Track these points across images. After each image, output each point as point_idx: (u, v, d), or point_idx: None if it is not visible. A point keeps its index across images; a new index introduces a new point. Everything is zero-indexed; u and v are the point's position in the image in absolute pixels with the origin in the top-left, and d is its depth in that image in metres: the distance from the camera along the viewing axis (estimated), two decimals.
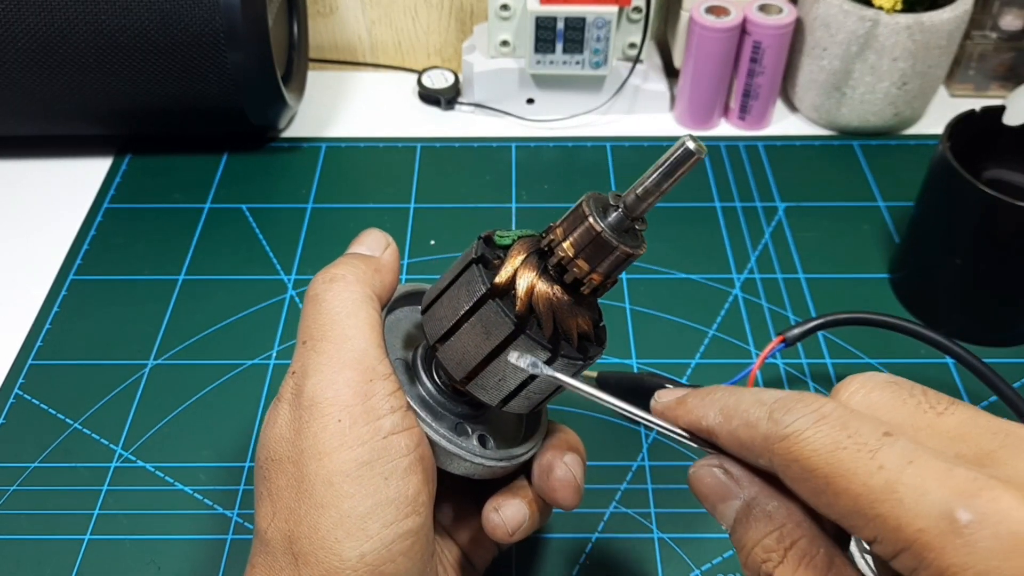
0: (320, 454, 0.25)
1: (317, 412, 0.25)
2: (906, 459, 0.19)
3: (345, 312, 0.27)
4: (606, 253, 0.26)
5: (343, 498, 0.24)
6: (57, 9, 0.47)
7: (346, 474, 0.24)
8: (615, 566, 0.36)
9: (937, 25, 0.51)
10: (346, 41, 0.64)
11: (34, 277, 0.49)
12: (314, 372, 0.26)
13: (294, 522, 0.24)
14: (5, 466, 0.40)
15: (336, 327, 0.26)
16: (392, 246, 0.31)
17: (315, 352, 0.26)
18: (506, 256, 0.27)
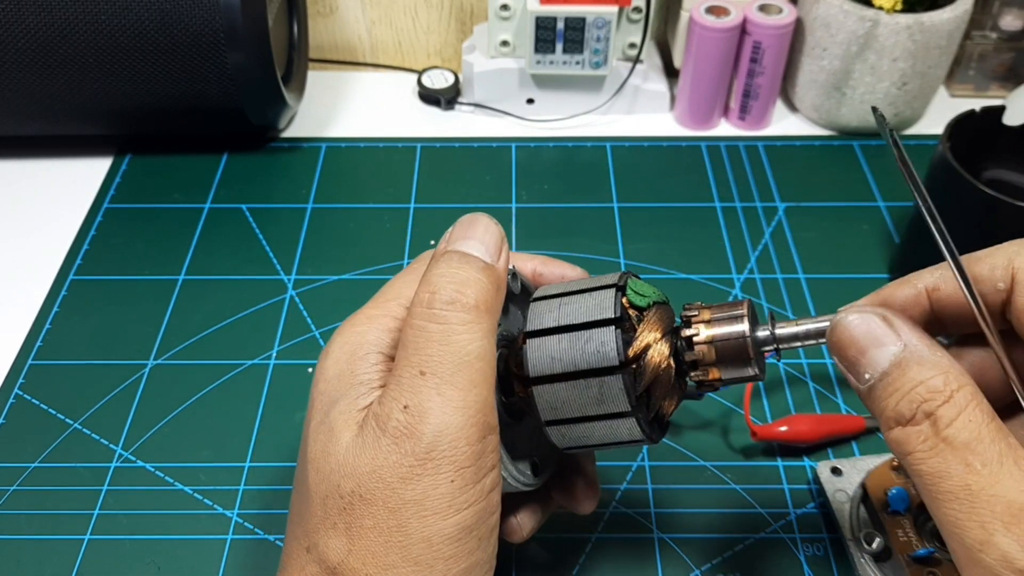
0: (425, 512, 0.23)
1: (432, 468, 0.23)
2: None
3: (476, 355, 0.24)
4: (738, 362, 0.26)
5: (440, 560, 0.23)
6: (57, 9, 0.47)
7: (448, 537, 0.24)
8: (615, 566, 0.36)
9: (937, 25, 0.51)
10: (346, 41, 0.64)
11: (34, 277, 0.49)
12: (433, 417, 0.23)
13: (376, 569, 0.23)
14: (5, 466, 0.40)
15: (465, 371, 0.24)
16: (506, 250, 0.27)
17: (438, 394, 0.23)
18: (642, 326, 0.26)
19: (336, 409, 0.25)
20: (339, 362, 0.26)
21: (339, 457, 0.24)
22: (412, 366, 0.24)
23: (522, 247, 0.50)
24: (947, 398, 0.21)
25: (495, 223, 0.27)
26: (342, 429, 0.25)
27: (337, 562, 0.24)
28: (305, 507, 0.25)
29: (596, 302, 0.26)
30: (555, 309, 0.27)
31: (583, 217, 0.52)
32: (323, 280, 0.48)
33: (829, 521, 0.37)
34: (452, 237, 0.27)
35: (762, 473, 0.39)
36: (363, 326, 0.27)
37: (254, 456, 0.40)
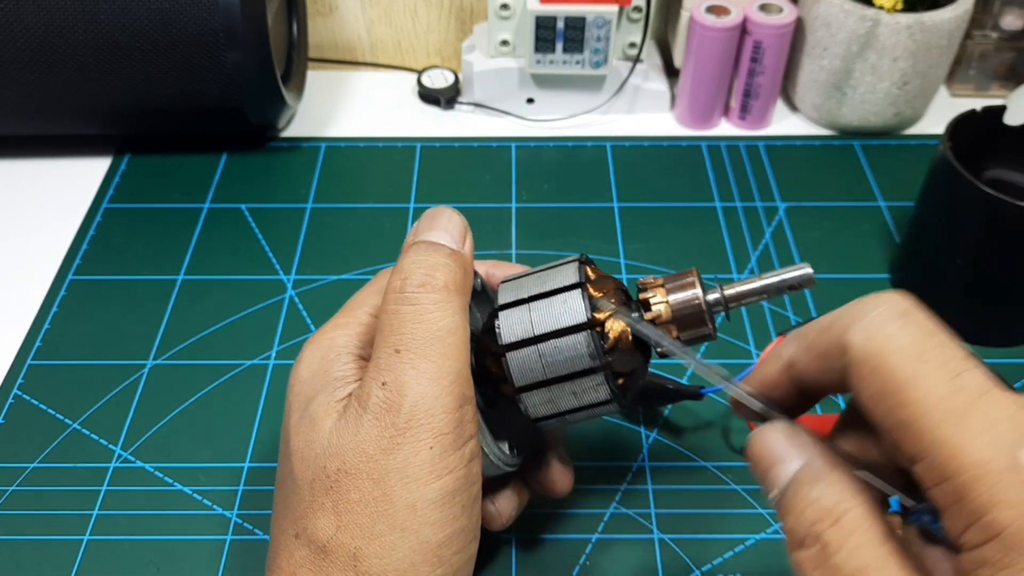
0: (408, 479, 0.24)
1: (412, 436, 0.24)
2: (983, 389, 0.19)
3: (448, 330, 0.25)
4: (694, 323, 0.29)
5: (425, 524, 0.24)
6: (56, 8, 0.47)
7: (431, 501, 0.24)
8: (615, 567, 0.36)
9: (938, 25, 0.51)
10: (346, 40, 0.64)
11: (33, 277, 0.48)
12: (410, 389, 0.24)
13: (363, 540, 0.24)
14: (4, 466, 0.40)
15: (437, 345, 0.25)
16: (470, 236, 0.29)
17: (413, 368, 0.25)
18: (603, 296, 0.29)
19: (315, 403, 0.26)
20: (312, 365, 0.27)
21: (323, 442, 0.25)
22: (388, 346, 0.25)
23: (522, 247, 0.50)
24: (835, 520, 0.20)
25: (458, 214, 0.29)
26: (323, 418, 0.26)
27: (326, 539, 0.24)
28: (291, 498, 0.26)
29: (561, 273, 0.29)
30: (522, 285, 0.29)
31: (583, 217, 0.52)
32: (323, 280, 0.48)
33: None
34: (418, 230, 0.28)
35: None
36: (333, 332, 0.28)
37: (253, 456, 0.40)
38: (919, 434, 0.19)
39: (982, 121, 0.43)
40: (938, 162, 0.42)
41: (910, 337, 0.20)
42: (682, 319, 0.29)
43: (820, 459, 0.22)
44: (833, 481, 0.21)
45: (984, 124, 0.43)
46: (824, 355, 0.22)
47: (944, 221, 0.42)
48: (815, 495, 0.21)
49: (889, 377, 0.19)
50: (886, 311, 0.20)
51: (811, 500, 0.21)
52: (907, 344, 0.20)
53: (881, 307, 0.21)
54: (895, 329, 0.20)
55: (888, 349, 0.20)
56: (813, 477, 0.22)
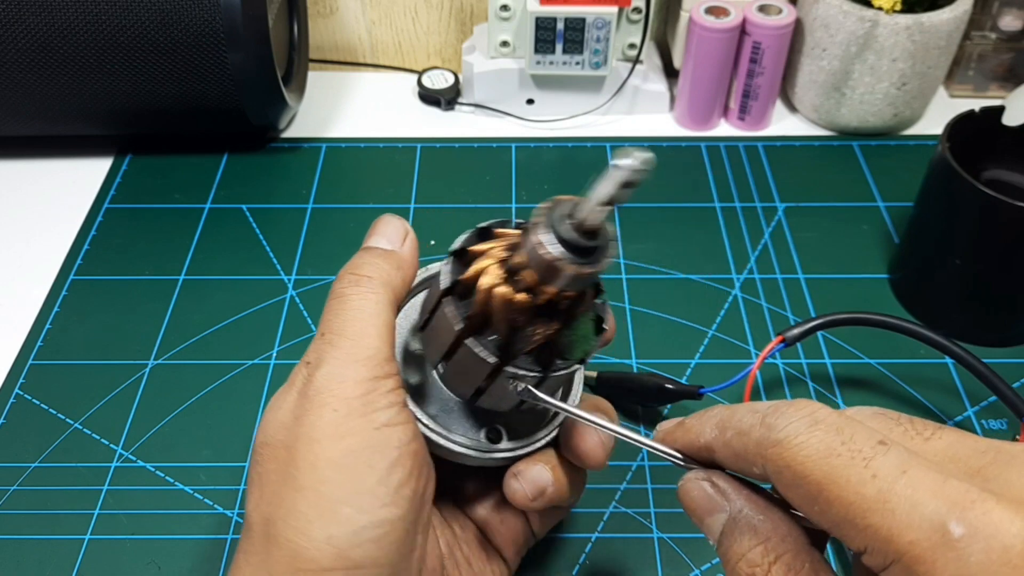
0: (312, 440, 0.25)
1: (318, 401, 0.25)
2: (900, 468, 0.19)
3: (367, 313, 0.27)
4: (556, 274, 0.24)
5: (323, 482, 0.24)
6: (57, 9, 0.47)
7: (332, 460, 0.25)
8: (615, 566, 0.36)
9: (936, 26, 0.51)
10: (346, 41, 0.64)
11: (35, 277, 0.49)
12: (326, 364, 0.26)
13: (275, 505, 0.25)
14: (5, 466, 0.40)
15: (356, 324, 0.27)
16: (411, 237, 0.30)
17: (331, 345, 0.26)
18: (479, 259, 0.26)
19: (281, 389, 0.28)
20: None
21: (263, 419, 0.27)
22: (317, 333, 0.27)
23: None
24: (765, 572, 0.21)
25: (398, 219, 0.31)
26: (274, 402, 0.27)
27: (251, 512, 0.26)
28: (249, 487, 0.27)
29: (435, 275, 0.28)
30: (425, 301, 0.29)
31: None
32: (323, 280, 0.48)
33: None
34: (364, 241, 0.30)
35: None
36: None
37: None
38: (853, 527, 0.19)
39: (980, 122, 0.43)
40: (936, 163, 0.42)
41: (818, 440, 0.20)
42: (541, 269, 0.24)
43: (747, 507, 0.23)
44: (760, 531, 0.22)
45: (982, 125, 0.43)
46: (741, 457, 0.23)
47: (942, 221, 0.42)
48: (742, 549, 0.22)
49: (808, 482, 0.20)
50: (796, 422, 0.21)
51: (740, 555, 0.22)
52: (816, 446, 0.20)
53: (791, 419, 0.21)
54: (805, 436, 0.21)
55: (801, 456, 0.20)
56: (740, 529, 0.22)
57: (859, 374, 0.43)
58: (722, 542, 0.23)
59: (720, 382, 0.39)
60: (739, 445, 0.22)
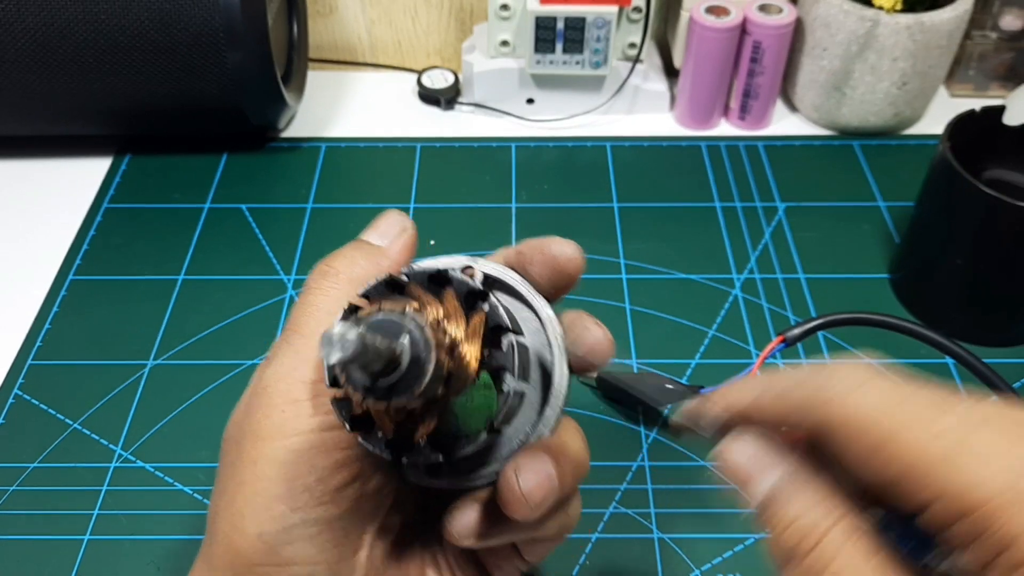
0: (257, 438, 0.25)
1: (266, 399, 0.25)
2: (970, 423, 0.19)
3: (327, 310, 0.26)
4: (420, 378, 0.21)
5: (261, 479, 0.24)
6: (57, 9, 0.47)
7: (273, 459, 0.24)
8: (615, 566, 0.36)
9: (937, 25, 0.51)
10: (346, 41, 0.64)
11: (34, 277, 0.48)
12: (277, 361, 0.26)
13: (219, 500, 0.25)
14: (5, 466, 0.40)
15: (313, 322, 0.26)
16: (408, 233, 0.29)
17: (287, 343, 0.26)
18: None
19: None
20: None
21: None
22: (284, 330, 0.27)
23: None
24: (816, 542, 0.20)
25: (399, 214, 0.29)
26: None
27: (210, 505, 0.26)
28: None
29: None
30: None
31: (583, 217, 0.52)
32: None
33: None
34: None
35: None
36: None
37: None
38: (917, 483, 0.18)
39: (981, 121, 0.43)
40: (937, 162, 0.42)
41: (883, 392, 0.20)
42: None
43: (796, 472, 0.21)
44: (811, 498, 0.21)
45: (983, 124, 0.43)
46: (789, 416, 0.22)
47: (943, 221, 0.42)
48: (792, 515, 0.20)
49: (871, 435, 0.19)
50: (857, 374, 0.20)
51: (789, 521, 0.20)
52: (881, 399, 0.20)
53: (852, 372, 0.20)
54: (869, 389, 0.20)
55: (865, 409, 0.20)
56: (789, 495, 0.21)
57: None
58: (771, 504, 0.21)
59: (720, 382, 0.38)
60: (788, 403, 0.21)
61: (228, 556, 0.24)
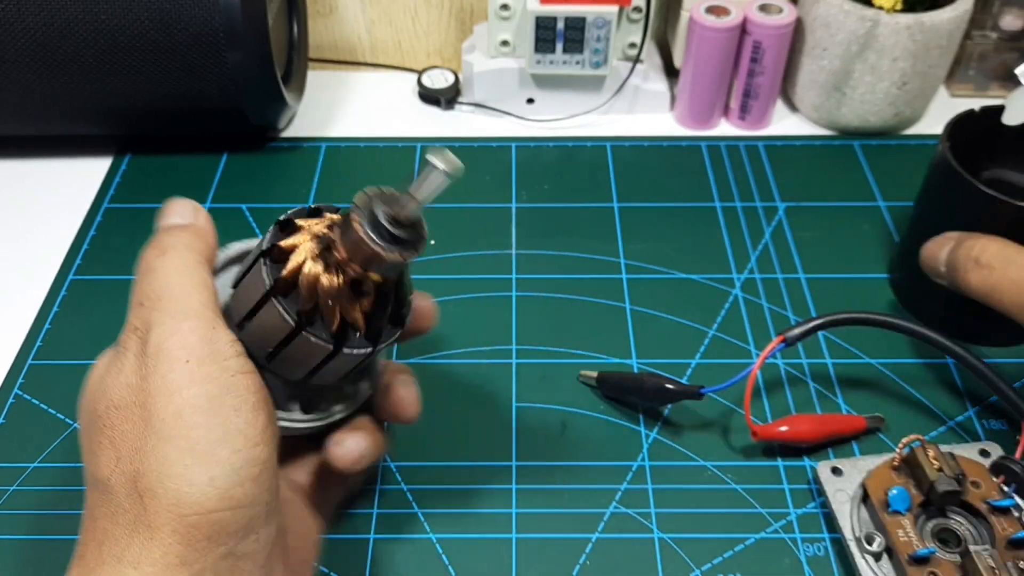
0: (170, 392, 0.25)
1: (164, 357, 0.26)
2: None
3: (179, 275, 0.28)
4: (374, 260, 0.26)
5: (192, 428, 0.25)
6: (57, 9, 0.47)
7: (196, 407, 0.25)
8: (615, 566, 0.36)
9: (937, 25, 0.51)
10: (346, 41, 0.64)
11: (34, 277, 0.49)
12: (158, 324, 0.26)
13: (140, 460, 0.25)
14: (5, 466, 0.40)
15: (173, 287, 0.27)
16: (203, 211, 0.32)
17: (156, 310, 0.27)
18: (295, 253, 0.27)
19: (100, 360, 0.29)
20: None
21: (92, 388, 0.27)
22: (133, 303, 0.28)
23: (522, 247, 0.50)
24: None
25: (184, 199, 0.32)
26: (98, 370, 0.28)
27: (108, 474, 0.25)
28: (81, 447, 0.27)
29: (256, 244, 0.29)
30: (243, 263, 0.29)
31: (583, 217, 0.52)
32: None
33: (829, 521, 0.37)
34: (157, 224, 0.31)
35: (762, 473, 0.39)
36: None
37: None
38: None
39: (981, 121, 0.43)
40: (937, 162, 0.42)
41: None
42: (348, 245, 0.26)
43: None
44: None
45: (983, 124, 0.43)
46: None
47: (943, 221, 0.42)
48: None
49: None
50: None
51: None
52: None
53: None
54: None
55: None
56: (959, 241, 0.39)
57: (860, 374, 0.43)
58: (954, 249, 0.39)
59: (721, 382, 0.39)
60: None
61: (177, 508, 0.24)
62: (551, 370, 0.43)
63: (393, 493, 0.38)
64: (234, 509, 0.25)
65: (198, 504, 0.24)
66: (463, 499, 0.38)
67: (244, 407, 0.26)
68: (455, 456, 0.40)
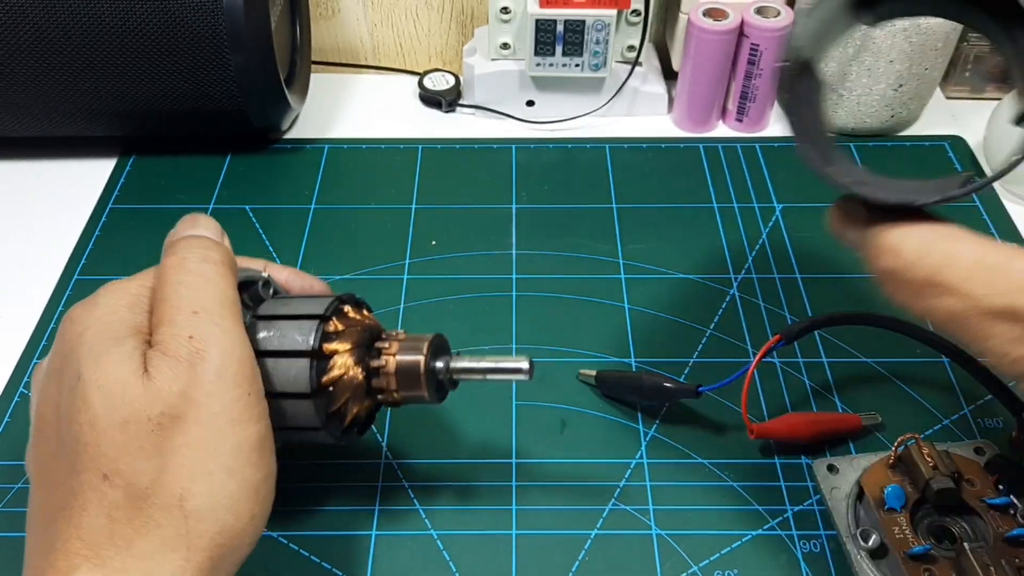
0: (234, 422, 0.26)
1: (231, 382, 0.26)
2: None
3: (232, 299, 0.28)
4: (412, 385, 0.32)
5: (249, 466, 0.26)
6: (61, 11, 0.48)
7: (253, 445, 0.26)
8: (614, 563, 0.36)
9: (933, 27, 0.51)
10: (348, 43, 0.65)
11: (38, 277, 0.49)
12: (218, 342, 0.26)
13: (192, 481, 0.25)
14: (9, 464, 0.40)
15: (229, 308, 0.28)
16: (227, 237, 0.32)
17: (215, 325, 0.27)
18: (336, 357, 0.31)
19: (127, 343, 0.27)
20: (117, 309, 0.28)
21: (137, 387, 0.25)
22: (183, 309, 0.27)
23: (522, 247, 0.50)
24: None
25: (212, 219, 0.32)
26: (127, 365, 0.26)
27: (148, 482, 0.25)
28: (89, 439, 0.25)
29: (301, 331, 0.31)
30: (271, 330, 0.31)
31: (582, 217, 0.52)
32: (326, 280, 0.48)
33: (826, 518, 0.37)
34: (178, 231, 0.31)
35: (759, 471, 0.39)
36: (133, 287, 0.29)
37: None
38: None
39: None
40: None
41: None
42: (403, 376, 0.32)
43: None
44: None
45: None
46: None
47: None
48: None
49: None
50: None
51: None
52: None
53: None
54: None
55: None
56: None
57: (856, 373, 0.43)
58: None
59: (718, 380, 0.39)
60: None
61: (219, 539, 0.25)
62: (550, 369, 0.44)
63: (395, 490, 0.39)
64: (255, 544, 0.27)
65: (238, 538, 0.26)
66: (464, 496, 0.39)
67: (273, 451, 0.28)
68: (456, 453, 0.40)
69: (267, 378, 0.30)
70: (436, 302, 0.47)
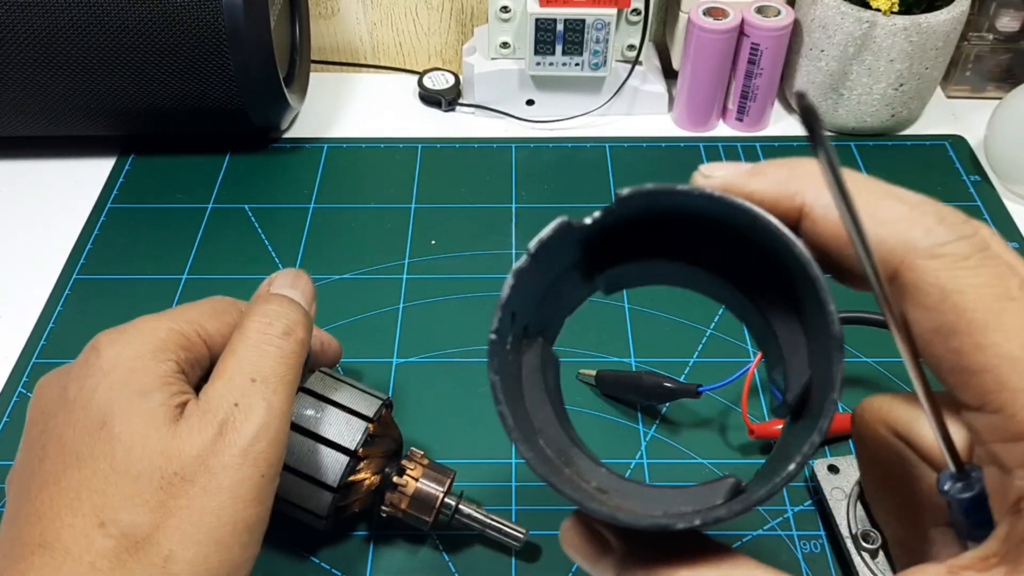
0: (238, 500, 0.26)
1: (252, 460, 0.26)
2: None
3: (292, 379, 0.28)
4: (422, 510, 0.34)
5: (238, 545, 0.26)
6: (61, 10, 0.48)
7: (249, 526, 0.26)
8: None
9: (934, 27, 0.51)
10: (348, 43, 0.65)
11: (38, 276, 0.49)
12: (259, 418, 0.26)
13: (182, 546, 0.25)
14: (9, 464, 0.40)
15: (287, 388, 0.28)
16: (315, 304, 0.32)
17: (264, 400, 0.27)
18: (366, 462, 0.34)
19: (153, 399, 0.26)
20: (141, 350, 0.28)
21: (163, 440, 0.26)
22: (244, 373, 0.27)
23: (522, 247, 0.50)
24: None
25: (311, 280, 0.32)
26: (162, 416, 0.26)
27: (142, 536, 0.25)
28: (97, 487, 0.25)
29: (351, 428, 0.33)
30: (318, 411, 0.33)
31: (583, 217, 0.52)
32: (325, 280, 0.49)
33: (826, 518, 0.37)
34: (276, 284, 0.31)
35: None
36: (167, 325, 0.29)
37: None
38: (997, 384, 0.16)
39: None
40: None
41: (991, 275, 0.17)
42: (417, 502, 0.34)
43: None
44: None
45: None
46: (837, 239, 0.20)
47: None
48: None
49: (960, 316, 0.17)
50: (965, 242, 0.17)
51: None
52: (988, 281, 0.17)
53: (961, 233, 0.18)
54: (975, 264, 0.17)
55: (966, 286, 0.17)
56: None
57: (857, 373, 0.43)
58: None
59: (718, 380, 0.39)
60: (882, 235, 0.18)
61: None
62: None
63: None
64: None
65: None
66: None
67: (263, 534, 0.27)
68: (456, 454, 0.40)
69: (295, 453, 0.32)
70: (436, 302, 0.47)
